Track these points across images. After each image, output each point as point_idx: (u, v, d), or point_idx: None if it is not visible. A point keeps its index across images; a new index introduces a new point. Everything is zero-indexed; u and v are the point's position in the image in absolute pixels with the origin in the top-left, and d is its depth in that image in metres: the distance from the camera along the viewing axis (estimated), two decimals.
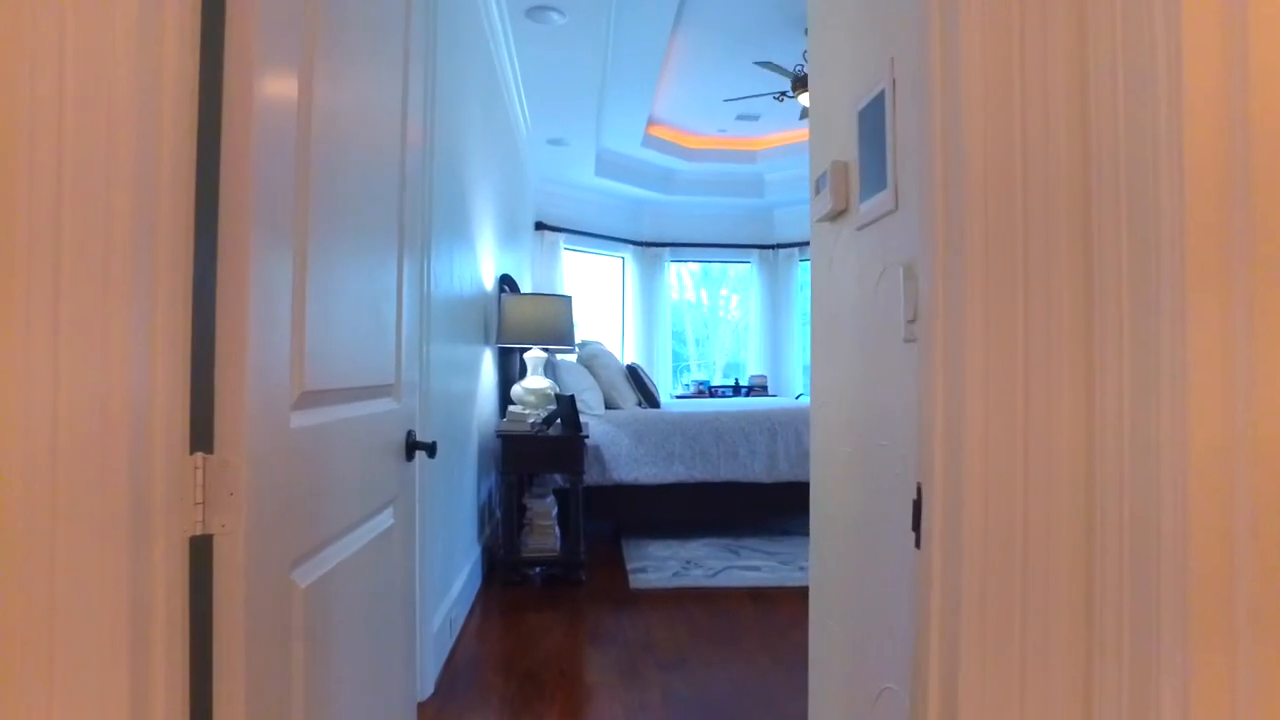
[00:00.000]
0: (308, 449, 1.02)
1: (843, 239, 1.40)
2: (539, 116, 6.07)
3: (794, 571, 4.00)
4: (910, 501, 1.11)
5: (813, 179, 1.59)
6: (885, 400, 1.20)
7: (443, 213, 2.83)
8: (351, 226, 1.20)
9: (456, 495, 3.21)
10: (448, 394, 2.96)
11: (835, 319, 1.44)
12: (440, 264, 2.80)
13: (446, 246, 2.91)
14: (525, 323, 3.93)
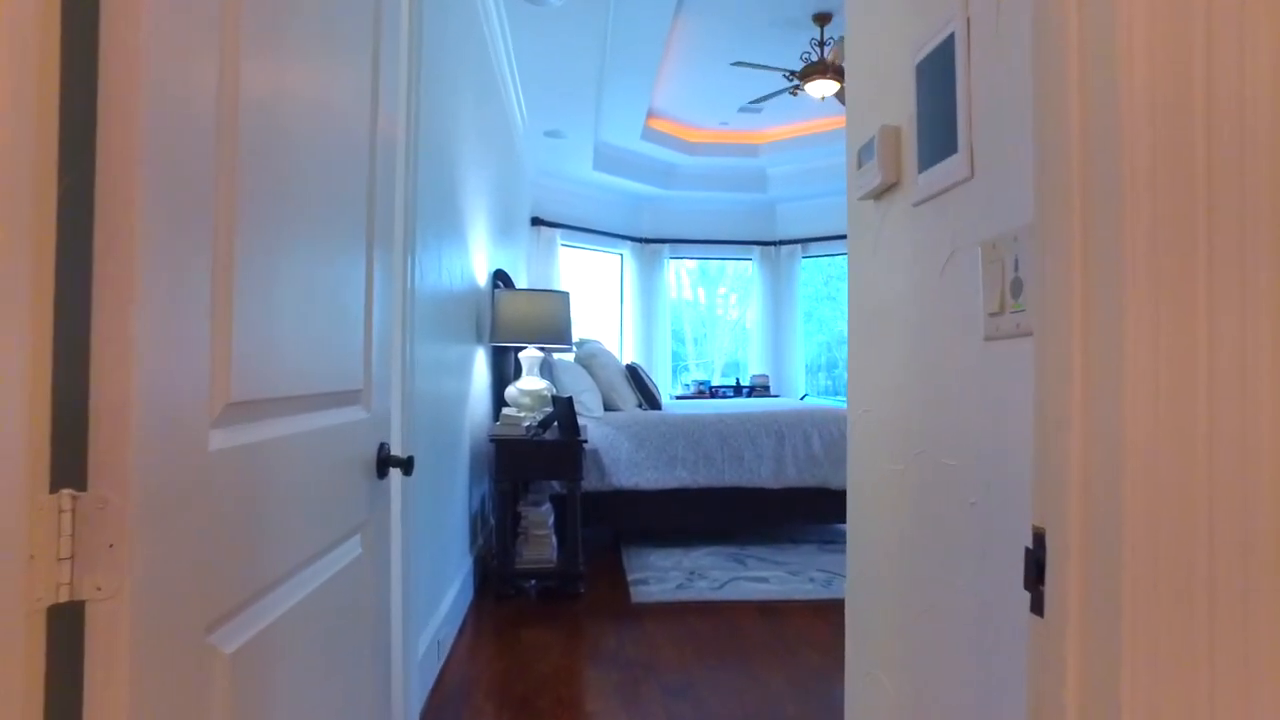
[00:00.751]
0: (235, 476, 0.80)
1: (892, 218, 1.19)
2: (535, 107, 5.84)
3: (804, 583, 3.78)
4: (995, 538, 0.90)
5: (851, 151, 1.37)
6: (954, 409, 0.99)
7: (430, 205, 2.61)
8: (303, 218, 0.99)
9: (446, 505, 2.99)
10: (435, 396, 2.74)
11: (882, 313, 1.23)
12: (427, 259, 2.58)
13: (434, 240, 2.69)
14: (520, 320, 3.71)
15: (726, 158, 7.89)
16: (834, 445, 4.48)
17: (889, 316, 1.20)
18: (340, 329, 1.14)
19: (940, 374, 1.02)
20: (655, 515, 4.42)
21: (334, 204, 1.10)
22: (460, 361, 3.36)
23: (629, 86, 5.99)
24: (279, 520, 0.91)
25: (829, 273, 8.81)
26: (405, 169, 2.22)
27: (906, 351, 1.13)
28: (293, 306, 0.95)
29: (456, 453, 3.28)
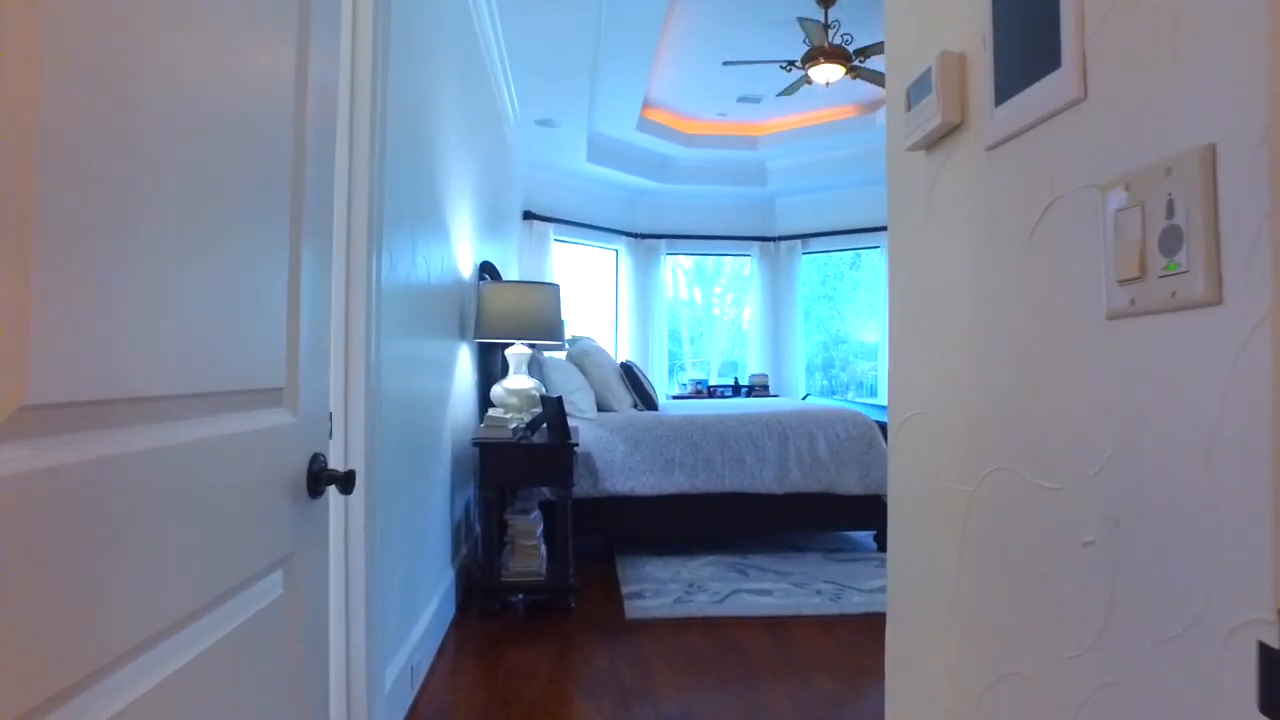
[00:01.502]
0: (34, 511, 0.54)
1: (953, 171, 0.94)
2: (526, 95, 5.58)
3: (810, 596, 3.53)
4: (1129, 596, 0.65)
5: (895, 92, 1.12)
6: (1053, 413, 0.74)
7: (403, 192, 2.35)
8: (170, 197, 0.73)
9: (422, 515, 2.73)
10: (409, 396, 2.48)
11: (936, 292, 0.98)
12: (400, 248, 2.32)
13: (408, 229, 2.43)
14: (506, 315, 3.45)
15: (724, 150, 7.64)
16: (840, 448, 4.23)
17: (947, 295, 0.95)
18: (245, 318, 0.89)
19: (1030, 366, 0.77)
20: (652, 523, 4.17)
21: (226, 184, 0.85)
22: (441, 359, 3.10)
23: (624, 74, 5.74)
24: (134, 566, 0.65)
25: (825, 271, 8.56)
26: (371, 152, 1.96)
27: (975, 339, 0.88)
28: (161, 289, 0.70)
29: (436, 457, 3.02)
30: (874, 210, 7.93)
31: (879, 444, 4.25)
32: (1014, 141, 0.81)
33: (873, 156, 7.40)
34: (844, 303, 8.57)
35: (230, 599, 0.86)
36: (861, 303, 8.50)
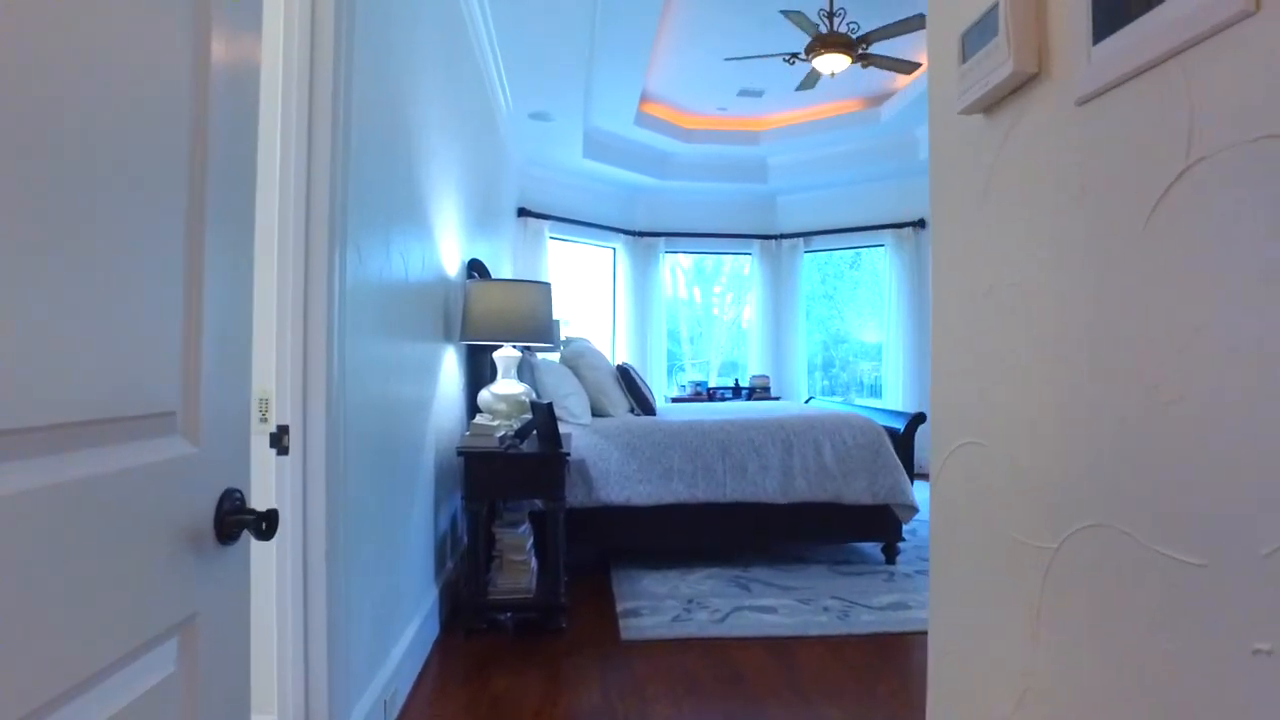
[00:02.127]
0: None
1: (1023, 136, 0.74)
2: (520, 87, 5.38)
3: (817, 614, 3.32)
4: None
5: (944, 43, 0.91)
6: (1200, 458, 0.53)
7: (374, 185, 2.15)
8: None
9: (401, 532, 2.52)
10: (385, 403, 2.27)
11: (1004, 291, 0.77)
12: (372, 245, 2.11)
13: (379, 225, 2.22)
14: (493, 315, 3.24)
15: (725, 145, 7.43)
16: (847, 455, 4.02)
17: (1019, 297, 0.74)
18: (116, 328, 0.68)
19: (1156, 390, 0.57)
20: (649, 534, 3.96)
21: (100, 167, 0.64)
22: (423, 362, 2.89)
23: (621, 66, 5.53)
24: None
25: (825, 270, 8.35)
26: (334, 141, 1.76)
27: (1064, 353, 0.67)
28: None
29: (418, 467, 2.81)
30: (879, 208, 7.73)
31: (887, 451, 4.05)
32: (1123, 89, 0.61)
33: (878, 152, 7.20)
34: (844, 302, 8.38)
35: (87, 690, 0.65)
36: (861, 302, 8.30)
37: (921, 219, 7.48)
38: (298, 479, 1.72)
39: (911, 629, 3.14)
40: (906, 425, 4.20)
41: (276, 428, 1.72)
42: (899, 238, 7.52)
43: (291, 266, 1.71)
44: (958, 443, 0.88)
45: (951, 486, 0.91)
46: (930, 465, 0.95)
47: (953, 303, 0.90)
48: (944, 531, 0.93)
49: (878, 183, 7.72)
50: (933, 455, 0.95)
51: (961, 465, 0.87)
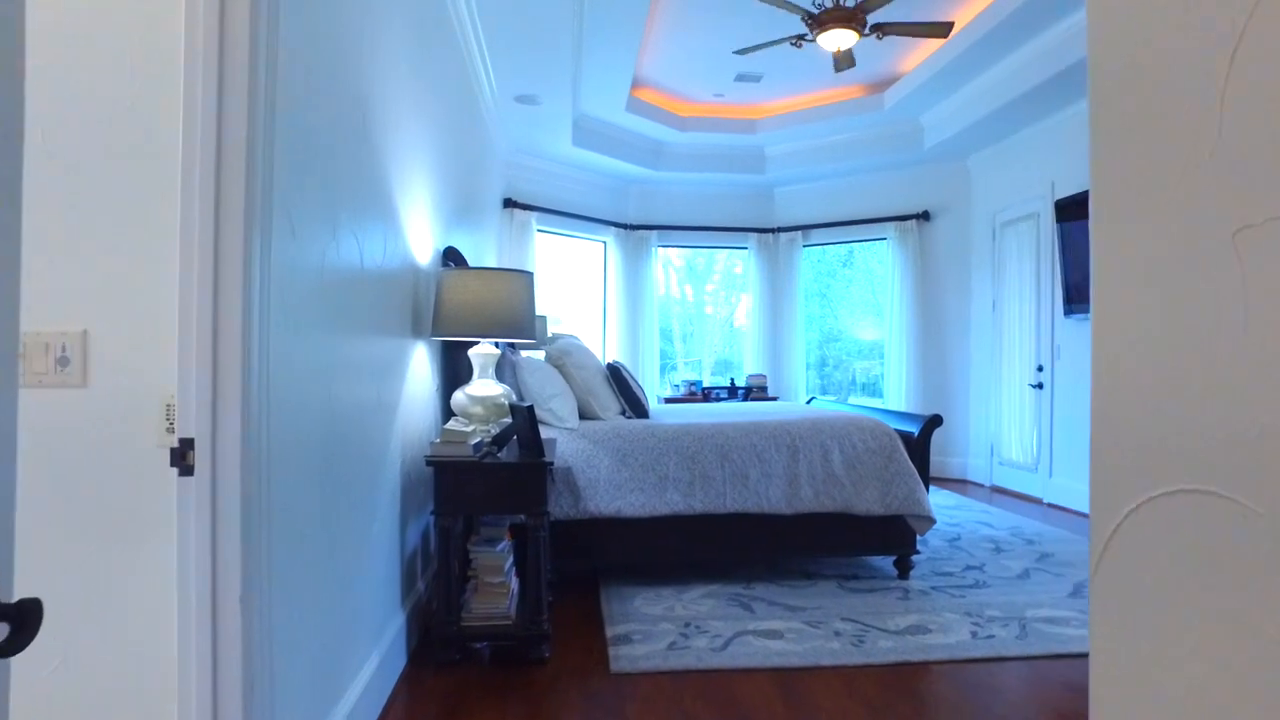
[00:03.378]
0: None
1: None
2: (504, 68, 5.03)
3: (828, 639, 2.99)
4: None
5: None
6: None
7: (316, 157, 1.81)
8: None
9: (356, 554, 2.18)
10: (334, 406, 1.93)
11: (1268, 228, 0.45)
12: (312, 223, 1.77)
13: (323, 202, 1.88)
14: (469, 308, 2.90)
15: (721, 134, 7.10)
16: (857, 461, 3.70)
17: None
18: None
19: None
20: (641, 548, 3.63)
21: None
22: (386, 360, 2.55)
23: (611, 47, 5.19)
24: None
25: (819, 268, 8.03)
26: (252, 101, 1.41)
27: None
28: None
29: (379, 479, 2.47)
30: (881, 199, 7.41)
31: (901, 457, 3.72)
32: None
33: (881, 141, 6.88)
34: (838, 300, 8.07)
35: None
36: (856, 299, 8.00)
37: (926, 211, 7.17)
38: (205, 504, 1.37)
39: (934, 658, 2.82)
40: (921, 429, 3.88)
41: (179, 441, 1.38)
42: (902, 230, 7.21)
43: (198, 234, 1.37)
44: (1158, 490, 0.55)
45: (1142, 562, 0.57)
46: (1094, 524, 0.62)
47: (1138, 273, 0.58)
48: (1126, 637, 0.60)
49: (880, 173, 7.40)
50: (1097, 507, 0.62)
51: (1167, 526, 0.54)
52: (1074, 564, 4.07)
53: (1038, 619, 3.21)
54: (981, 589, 3.62)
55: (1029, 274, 6.19)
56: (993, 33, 4.99)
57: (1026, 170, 6.24)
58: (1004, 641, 2.96)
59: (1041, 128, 5.98)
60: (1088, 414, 4.10)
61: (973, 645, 2.92)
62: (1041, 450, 6.01)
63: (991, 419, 6.69)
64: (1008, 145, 6.43)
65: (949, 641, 2.96)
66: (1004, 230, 6.55)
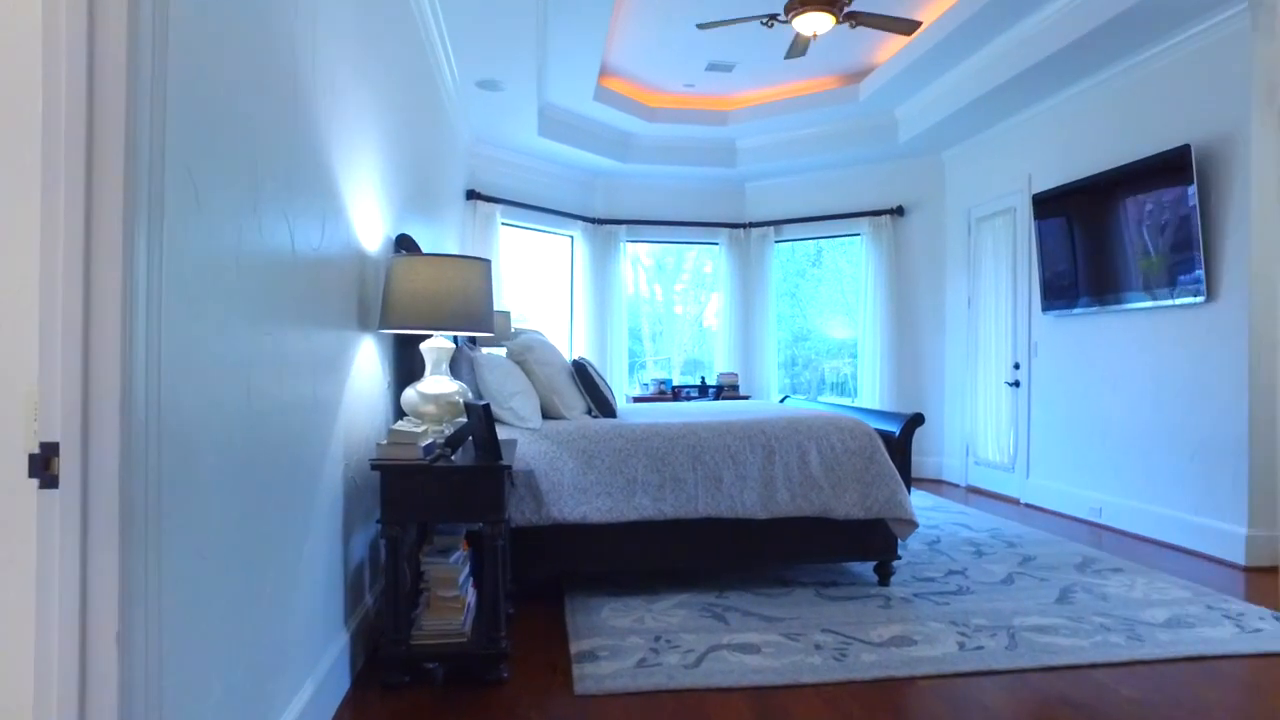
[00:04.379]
0: None
1: None
2: (465, 48, 4.78)
3: (808, 653, 2.80)
4: None
5: None
6: None
7: (228, 113, 1.57)
8: None
9: (281, 572, 1.94)
10: (250, 408, 1.69)
11: None
12: (226, 193, 1.53)
13: (241, 169, 1.65)
14: (420, 298, 2.66)
15: (691, 126, 6.91)
16: (836, 463, 3.51)
17: None
18: None
19: None
20: (608, 556, 3.41)
21: None
22: (326, 356, 2.30)
23: (577, 30, 4.97)
24: None
25: (788, 268, 7.88)
26: (132, 45, 1.17)
27: None
28: None
29: (313, 485, 2.22)
30: (855, 195, 7.27)
31: (882, 458, 3.55)
32: None
33: (855, 134, 6.73)
34: (807, 299, 7.93)
35: None
36: (825, 299, 7.86)
37: (900, 206, 7.04)
38: (73, 522, 1.13)
39: (921, 672, 2.63)
40: (902, 428, 3.71)
41: (40, 447, 1.14)
42: (876, 226, 7.07)
43: (64, 193, 1.13)
44: None
45: None
46: None
47: None
48: None
49: (854, 168, 7.26)
50: None
51: None
52: (1057, 567, 3.93)
53: (1026, 627, 3.05)
54: (965, 595, 3.46)
55: (1005, 270, 6.08)
56: (969, 22, 4.85)
57: (1002, 165, 6.13)
58: (993, 653, 2.79)
59: (1017, 121, 5.86)
60: (1066, 413, 3.98)
61: (960, 658, 2.74)
62: (1018, 450, 5.90)
63: (967, 418, 6.57)
64: (983, 139, 6.31)
65: (935, 654, 2.79)
66: (979, 225, 6.43)
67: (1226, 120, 4.15)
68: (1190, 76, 4.38)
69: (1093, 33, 4.38)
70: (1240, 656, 2.80)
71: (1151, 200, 4.50)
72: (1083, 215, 5.07)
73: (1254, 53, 4.01)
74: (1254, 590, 3.62)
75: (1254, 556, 4.00)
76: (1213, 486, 4.23)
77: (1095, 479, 5.11)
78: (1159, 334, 4.60)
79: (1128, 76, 4.83)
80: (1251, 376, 4.03)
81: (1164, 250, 4.43)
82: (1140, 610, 3.27)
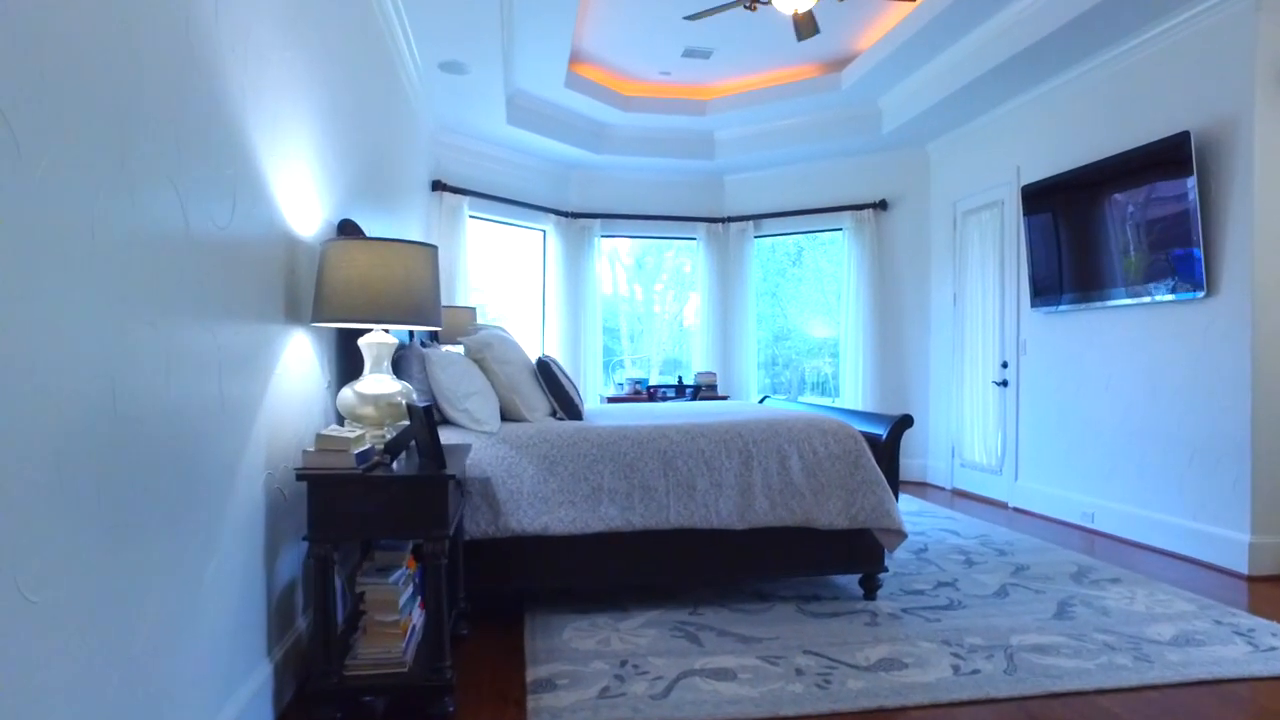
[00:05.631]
0: None
1: None
2: (423, 27, 4.48)
3: (788, 680, 2.54)
4: None
5: None
6: None
7: (70, 51, 1.28)
8: None
9: (173, 602, 1.65)
10: (111, 409, 1.40)
11: None
12: (65, 145, 1.25)
13: (95, 120, 1.36)
14: (355, 286, 2.37)
15: (668, 115, 6.64)
16: (818, 468, 3.26)
17: None
18: None
19: None
20: (572, 571, 3.13)
21: None
22: (240, 352, 2.01)
23: (545, 10, 4.69)
24: None
25: (768, 267, 7.64)
26: None
27: None
28: None
29: (223, 500, 1.93)
30: (837, 188, 7.04)
31: (868, 462, 3.30)
32: None
33: (837, 125, 6.49)
34: (787, 298, 7.70)
35: None
36: (806, 298, 7.64)
37: (884, 200, 6.82)
38: None
39: (914, 701, 2.38)
40: (890, 431, 3.46)
41: None
42: (859, 220, 6.84)
43: None
44: None
45: None
46: None
47: None
48: None
49: (836, 160, 7.03)
50: None
51: None
52: (1052, 578, 3.70)
53: (1025, 647, 2.81)
54: (957, 610, 3.21)
55: (992, 265, 5.86)
56: (956, 5, 4.62)
57: (989, 156, 5.91)
58: (991, 678, 2.54)
59: (1006, 110, 5.65)
60: (1057, 413, 3.69)
61: (956, 684, 2.49)
62: (1006, 452, 5.68)
63: (953, 419, 6.35)
64: (970, 130, 6.09)
65: (928, 680, 2.53)
66: (965, 219, 6.22)
67: (1228, 105, 3.94)
68: (1189, 60, 4.17)
69: (1084, 15, 4.16)
70: (1258, 680, 2.57)
71: (1147, 190, 4.28)
72: (1076, 206, 4.85)
73: (1258, 33, 3.80)
74: (1261, 602, 3.40)
75: (1258, 565, 3.79)
76: (1213, 491, 4.02)
77: (1087, 482, 4.90)
78: (1154, 331, 4.39)
79: (1122, 61, 4.62)
80: (1255, 375, 3.82)
81: (1158, 243, 4.22)
82: (1144, 626, 3.04)
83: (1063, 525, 5.00)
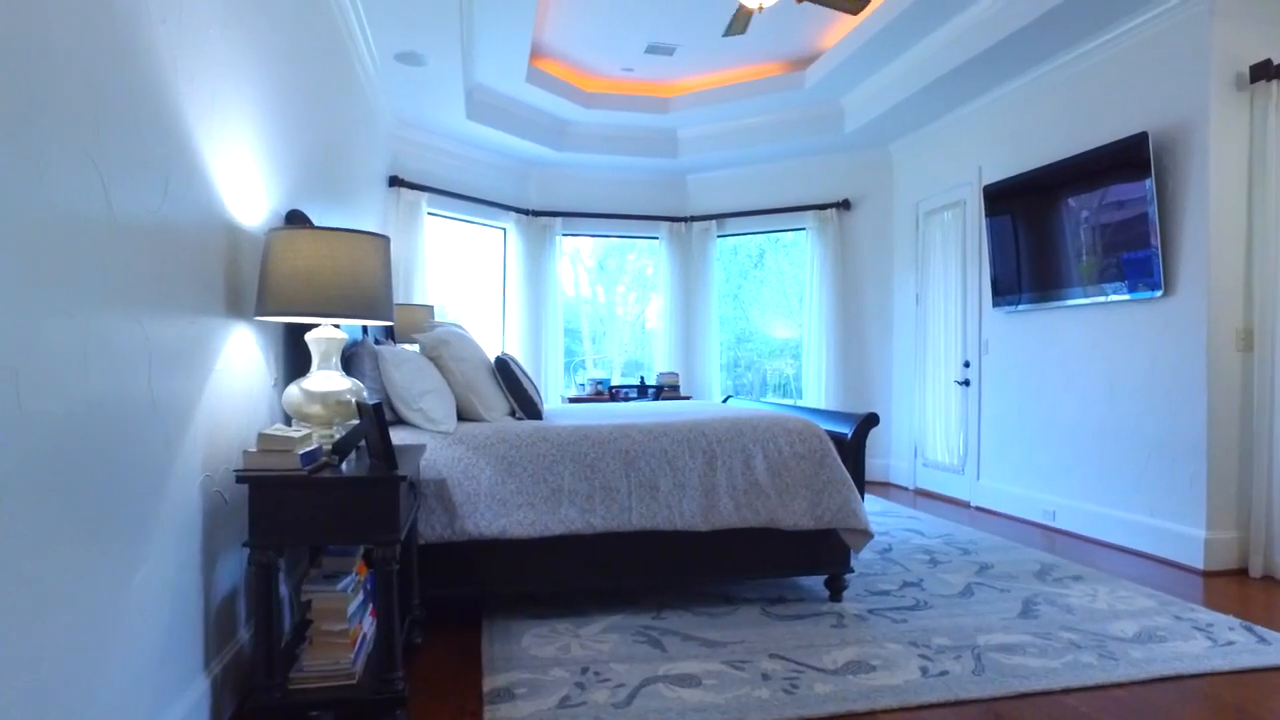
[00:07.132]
0: None
1: None
2: (376, 13, 4.34)
3: (754, 684, 2.47)
4: None
5: None
6: None
7: None
8: None
9: (95, 622, 1.52)
10: (14, 410, 1.27)
11: None
12: None
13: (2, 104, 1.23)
14: (300, 278, 2.25)
15: (630, 113, 6.57)
16: (783, 468, 3.20)
17: None
18: None
19: None
20: (531, 575, 3.03)
21: None
22: (174, 347, 1.88)
23: (505, 2, 4.58)
24: None
25: (730, 269, 7.61)
26: None
27: None
28: None
29: (153, 506, 1.80)
30: (800, 187, 7.02)
31: (833, 462, 3.25)
32: None
33: (800, 124, 6.47)
34: (749, 301, 7.68)
35: None
36: (767, 300, 7.63)
37: (846, 199, 6.82)
38: None
39: (882, 705, 2.32)
40: (855, 429, 3.41)
41: None
42: (821, 220, 6.83)
43: None
44: None
45: None
46: None
47: None
48: None
49: (799, 159, 7.02)
50: None
51: None
52: (1016, 576, 3.69)
53: (992, 647, 2.78)
54: (923, 611, 3.18)
55: (954, 265, 5.89)
56: (917, 4, 4.61)
57: (951, 157, 5.93)
58: (959, 679, 2.50)
59: (967, 111, 5.67)
60: (1018, 413, 3.67)
61: (924, 686, 2.45)
62: (968, 451, 5.70)
63: (915, 418, 6.37)
64: (932, 130, 6.11)
65: (896, 682, 2.48)
66: (928, 219, 6.24)
67: (1184, 107, 3.98)
68: (1146, 63, 4.21)
69: (1044, 17, 4.17)
70: (1218, 674, 2.56)
71: (1105, 191, 4.31)
72: (1036, 206, 4.88)
73: (1212, 36, 3.84)
74: (1216, 596, 3.43)
75: (1213, 560, 3.83)
76: (1170, 487, 4.06)
77: (1048, 481, 4.93)
78: (1113, 330, 4.43)
79: (1081, 63, 4.66)
80: (1210, 373, 3.86)
81: (1113, 244, 4.25)
82: (1108, 623, 3.03)
83: (1025, 524, 5.02)
